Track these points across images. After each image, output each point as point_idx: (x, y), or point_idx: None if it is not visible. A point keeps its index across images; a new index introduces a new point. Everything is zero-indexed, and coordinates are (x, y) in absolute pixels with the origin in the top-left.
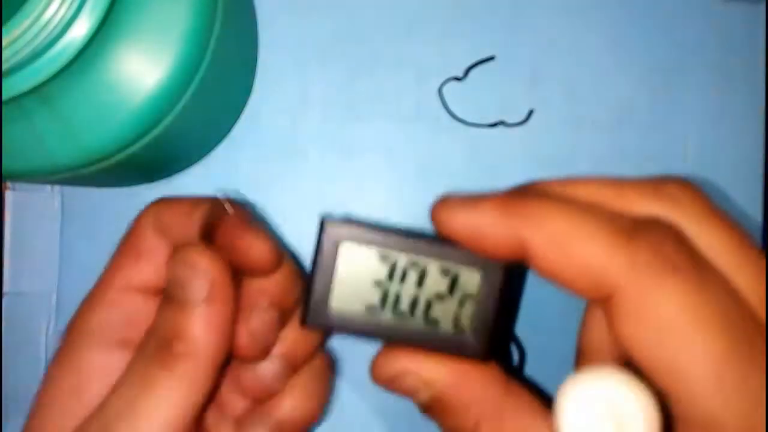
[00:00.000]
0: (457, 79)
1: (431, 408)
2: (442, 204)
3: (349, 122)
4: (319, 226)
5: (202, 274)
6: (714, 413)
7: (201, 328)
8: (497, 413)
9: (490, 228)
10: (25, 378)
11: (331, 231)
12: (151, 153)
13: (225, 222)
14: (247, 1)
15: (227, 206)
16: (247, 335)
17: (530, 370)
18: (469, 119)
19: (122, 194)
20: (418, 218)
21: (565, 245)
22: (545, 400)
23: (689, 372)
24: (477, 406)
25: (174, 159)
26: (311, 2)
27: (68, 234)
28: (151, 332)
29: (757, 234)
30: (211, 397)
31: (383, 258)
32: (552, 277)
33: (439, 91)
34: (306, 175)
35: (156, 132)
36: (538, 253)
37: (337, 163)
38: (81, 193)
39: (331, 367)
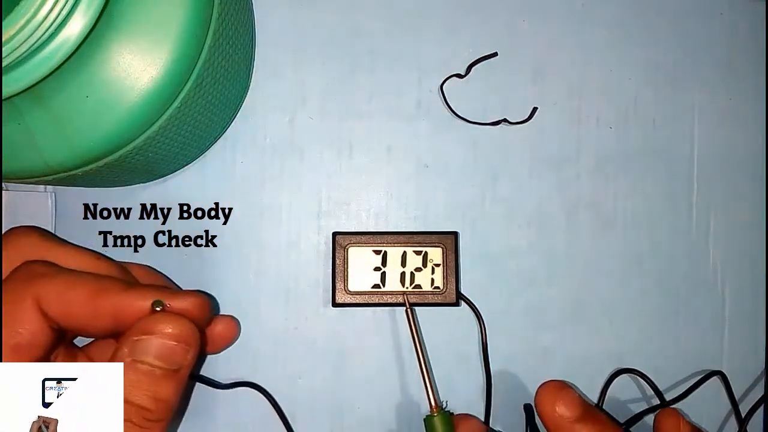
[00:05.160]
0: (459, 76)
1: None
2: None
3: (348, 119)
4: (332, 239)
5: (186, 347)
6: None
7: (174, 391)
8: None
9: None
10: None
11: (341, 240)
12: (146, 152)
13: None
14: None
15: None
16: None
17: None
18: (470, 117)
19: (115, 194)
20: (418, 217)
21: None
22: None
23: None
24: None
25: (168, 158)
26: None
27: (61, 234)
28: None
29: (762, 229)
30: None
31: (376, 252)
32: None
33: (441, 88)
34: (304, 173)
35: (151, 131)
36: None
37: (336, 161)
38: (74, 193)
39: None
